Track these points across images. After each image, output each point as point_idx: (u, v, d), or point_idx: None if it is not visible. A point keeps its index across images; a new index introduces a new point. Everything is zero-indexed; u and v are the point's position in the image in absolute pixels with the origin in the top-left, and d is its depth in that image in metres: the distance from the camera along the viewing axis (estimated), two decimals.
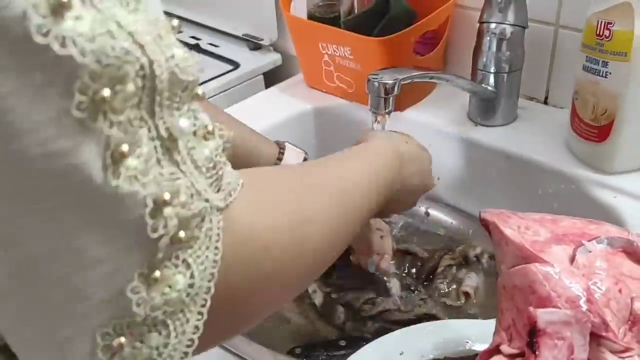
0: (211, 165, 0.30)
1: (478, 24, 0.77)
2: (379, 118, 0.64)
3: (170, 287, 0.28)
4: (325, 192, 0.41)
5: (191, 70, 0.28)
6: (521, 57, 0.78)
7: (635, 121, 0.66)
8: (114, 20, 0.24)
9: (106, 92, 0.24)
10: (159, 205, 0.26)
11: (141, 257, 0.27)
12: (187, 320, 0.29)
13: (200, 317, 0.29)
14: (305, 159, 0.68)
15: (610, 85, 0.65)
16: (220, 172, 0.30)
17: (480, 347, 0.52)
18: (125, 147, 0.25)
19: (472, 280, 0.75)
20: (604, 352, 0.32)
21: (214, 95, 1.05)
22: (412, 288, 0.74)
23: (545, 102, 0.85)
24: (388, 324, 0.68)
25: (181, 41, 0.28)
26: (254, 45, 1.15)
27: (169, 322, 0.28)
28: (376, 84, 0.63)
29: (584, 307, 0.32)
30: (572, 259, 0.36)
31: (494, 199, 0.80)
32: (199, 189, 0.29)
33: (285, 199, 0.37)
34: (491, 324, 0.41)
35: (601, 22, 0.64)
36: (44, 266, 0.25)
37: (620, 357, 0.32)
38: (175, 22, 0.28)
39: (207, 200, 0.29)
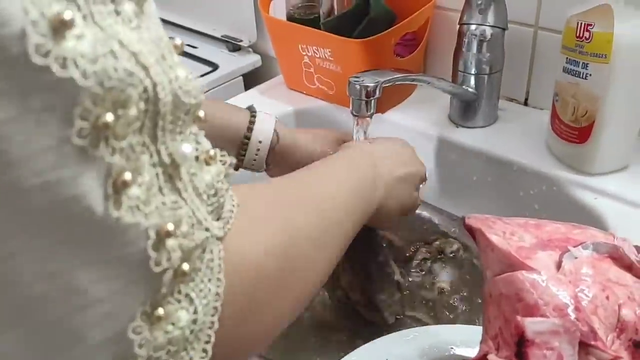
0: (212, 192, 0.28)
1: (458, 26, 0.77)
2: (360, 121, 0.64)
3: (173, 324, 0.26)
4: (309, 209, 0.40)
5: (194, 93, 0.26)
6: (501, 58, 0.78)
7: (616, 122, 0.66)
8: (116, 39, 0.23)
9: (109, 117, 0.23)
10: (162, 236, 0.25)
11: (144, 293, 0.25)
12: (191, 359, 0.27)
13: (204, 354, 0.27)
14: (276, 134, 0.66)
15: (591, 86, 0.65)
16: (221, 200, 0.29)
17: (465, 352, 0.51)
18: (127, 175, 0.23)
19: (446, 276, 0.75)
20: None
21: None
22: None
23: (526, 104, 0.85)
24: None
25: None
26: (233, 46, 1.14)
27: None
28: (357, 86, 0.62)
29: (572, 316, 0.32)
30: (559, 265, 0.35)
31: (474, 201, 0.80)
32: (199, 218, 0.27)
33: (274, 220, 0.35)
34: (475, 329, 0.40)
35: (581, 23, 0.64)
36: (41, 307, 0.23)
37: None
38: (178, 41, 0.27)
39: (207, 230, 0.28)
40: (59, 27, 0.21)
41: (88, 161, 0.23)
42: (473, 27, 0.75)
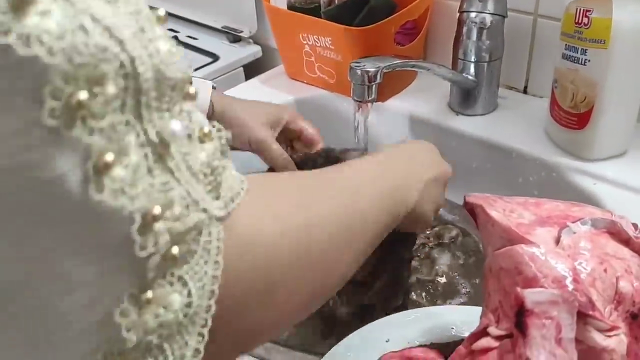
0: (209, 170, 0.27)
1: (458, 14, 0.77)
2: (361, 107, 0.64)
3: (165, 307, 0.25)
4: (331, 198, 0.38)
5: (179, 67, 0.25)
6: (501, 46, 0.78)
7: (614, 108, 0.67)
8: (87, 14, 0.22)
9: (83, 95, 0.21)
10: (148, 220, 0.24)
11: (130, 277, 0.24)
12: (186, 343, 0.26)
13: (200, 338, 0.26)
14: (213, 87, 0.64)
15: (589, 72, 0.66)
16: (219, 178, 0.28)
17: (466, 333, 0.52)
18: (110, 156, 0.22)
19: (445, 260, 0.75)
20: (590, 331, 0.32)
21: None
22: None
23: (525, 91, 0.86)
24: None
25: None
26: (234, 37, 1.14)
27: (165, 346, 0.25)
28: (359, 71, 0.62)
29: (571, 287, 0.32)
30: (557, 240, 0.36)
31: (474, 188, 0.80)
32: (195, 198, 0.26)
33: (291, 203, 0.34)
34: (476, 310, 0.41)
35: (580, 9, 0.65)
36: (24, 291, 0.22)
37: (607, 336, 0.32)
38: (162, 11, 0.26)
39: (205, 210, 0.26)
40: (20, 4, 0.20)
41: (63, 143, 0.21)
42: (473, 14, 0.76)
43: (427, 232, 0.79)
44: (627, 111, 0.68)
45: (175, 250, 0.25)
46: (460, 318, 0.53)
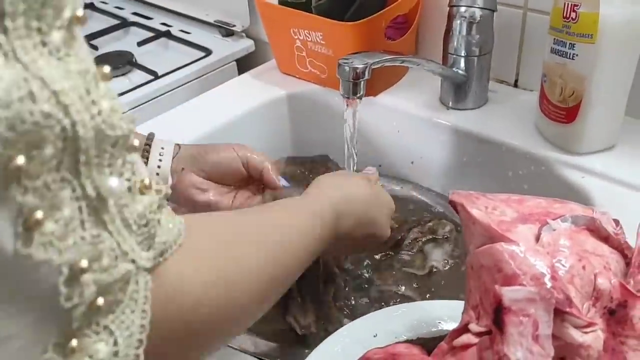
0: (143, 222, 0.28)
1: (448, 8, 0.78)
2: (350, 102, 0.64)
3: (90, 357, 0.26)
4: (259, 245, 0.41)
5: (120, 124, 0.26)
6: (491, 40, 0.78)
7: (602, 102, 0.67)
8: (38, 78, 0.22)
9: (20, 160, 0.22)
10: (76, 272, 0.24)
11: (55, 327, 0.25)
12: None
13: None
14: (178, 146, 0.63)
15: (577, 67, 0.66)
16: (152, 230, 0.29)
17: (452, 327, 0.53)
18: (39, 214, 0.23)
19: (438, 255, 0.76)
20: (567, 328, 0.33)
21: (186, 83, 1.04)
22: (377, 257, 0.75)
23: (516, 85, 0.86)
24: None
25: (153, 29, 0.26)
26: (226, 31, 1.14)
27: None
28: (347, 68, 0.63)
29: (549, 284, 0.33)
30: (538, 238, 0.36)
31: (465, 181, 0.81)
32: (125, 249, 0.27)
33: (218, 254, 0.36)
34: (462, 304, 0.41)
35: (568, 4, 0.65)
36: None
37: (583, 332, 0.33)
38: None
39: (133, 261, 0.27)
40: None
41: None
42: (463, 9, 0.76)
43: (422, 227, 0.79)
44: (615, 105, 0.69)
45: (100, 300, 0.26)
46: (447, 312, 0.54)
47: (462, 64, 0.79)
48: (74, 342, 0.25)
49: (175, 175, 0.62)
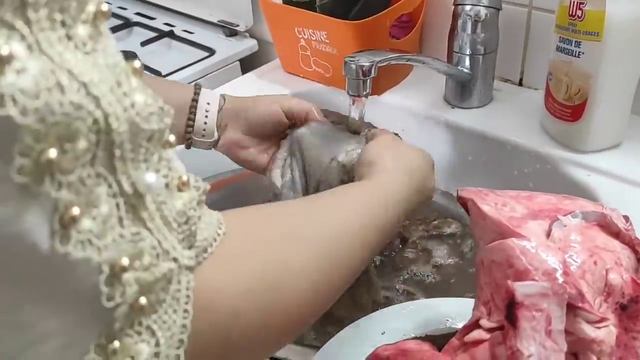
0: (183, 219, 0.27)
1: (453, 6, 0.78)
2: (356, 101, 0.64)
3: (132, 358, 0.25)
4: (310, 244, 0.37)
5: (155, 118, 0.25)
6: (496, 38, 0.78)
7: (608, 100, 0.67)
8: (65, 69, 0.22)
9: (53, 154, 0.21)
10: (116, 271, 0.24)
11: (97, 328, 0.25)
12: None
13: None
14: (223, 98, 0.64)
15: (583, 65, 0.66)
16: (193, 227, 0.28)
17: (461, 324, 0.53)
18: (76, 210, 0.22)
19: (442, 253, 0.76)
20: (580, 323, 0.33)
21: (190, 83, 1.04)
22: (385, 253, 0.75)
23: (520, 84, 0.86)
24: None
25: (157, 30, 0.26)
26: (230, 31, 1.14)
27: None
28: (353, 66, 0.63)
29: (561, 280, 0.33)
30: (548, 234, 0.36)
31: (470, 180, 0.81)
32: (166, 247, 0.26)
33: (260, 258, 0.33)
34: (470, 302, 0.41)
35: (573, 2, 0.65)
36: None
37: (596, 327, 0.33)
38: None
39: (175, 260, 0.27)
40: None
41: (31, 198, 0.21)
42: (468, 7, 0.76)
43: (427, 225, 0.79)
44: (621, 103, 0.68)
45: (143, 300, 0.25)
46: (455, 310, 0.54)
47: (467, 63, 0.79)
48: (116, 344, 0.25)
49: (219, 131, 0.63)
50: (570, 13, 0.66)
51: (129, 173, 0.24)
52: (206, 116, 0.62)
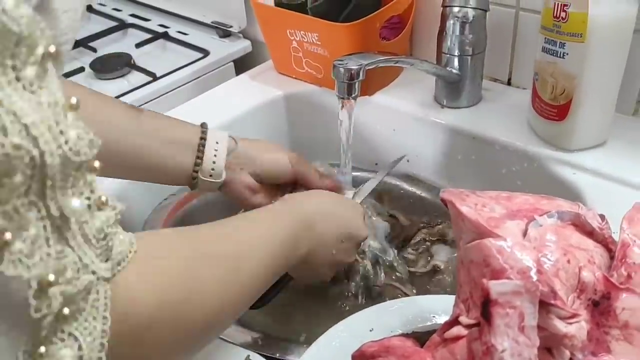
0: (102, 236, 0.30)
1: (441, 8, 0.79)
2: (345, 103, 0.66)
3: None
4: (220, 261, 0.42)
5: (85, 150, 0.28)
6: (484, 39, 0.80)
7: (592, 100, 0.68)
8: (11, 112, 0.24)
9: None
10: (44, 285, 0.27)
11: (26, 336, 0.28)
12: None
13: None
14: (233, 139, 0.65)
15: (568, 65, 0.67)
16: (110, 243, 0.31)
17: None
18: (8, 235, 0.25)
19: (443, 256, 0.77)
20: (552, 319, 0.34)
21: (184, 84, 1.05)
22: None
23: (509, 83, 0.87)
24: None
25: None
26: (223, 32, 1.15)
27: None
28: (342, 69, 0.64)
29: (534, 278, 0.34)
30: (525, 233, 0.38)
31: (460, 178, 0.83)
32: (86, 262, 0.29)
33: (174, 272, 0.37)
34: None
35: (557, 4, 0.66)
36: None
37: (567, 323, 0.34)
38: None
39: (93, 272, 0.30)
40: None
41: None
42: (456, 9, 0.77)
43: (431, 229, 0.80)
44: (605, 103, 0.70)
45: (66, 310, 0.28)
46: (441, 307, 0.55)
47: (456, 63, 0.80)
48: (42, 349, 0.28)
49: (229, 172, 0.63)
50: (555, 15, 0.67)
51: (57, 199, 0.27)
52: (215, 155, 0.61)
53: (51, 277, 0.27)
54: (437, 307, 0.56)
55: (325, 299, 0.70)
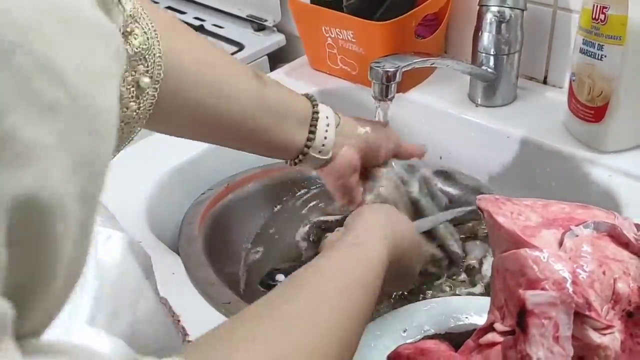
0: None
1: (478, 7, 0.79)
2: (381, 104, 0.67)
3: None
4: (302, 325, 0.37)
5: None
6: (520, 38, 0.79)
7: (629, 103, 0.68)
8: None
9: None
10: None
11: None
12: None
13: None
14: (337, 115, 0.61)
15: (606, 68, 0.67)
16: None
17: (479, 320, 0.55)
18: None
19: (477, 253, 0.77)
20: (587, 330, 0.35)
21: None
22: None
23: (545, 82, 0.87)
24: None
25: None
26: (258, 26, 1.17)
27: None
28: (379, 71, 0.65)
29: (570, 289, 0.35)
30: (561, 243, 0.39)
31: (493, 178, 0.83)
32: None
33: (255, 344, 0.33)
34: (488, 300, 0.44)
35: (597, 6, 0.66)
36: None
37: (602, 333, 0.35)
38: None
39: None
40: None
41: None
42: (493, 8, 0.77)
43: (461, 227, 0.80)
44: None
45: None
46: (474, 307, 0.56)
47: (492, 62, 0.80)
48: None
49: (335, 149, 0.59)
50: (594, 17, 0.67)
51: None
52: (326, 130, 0.58)
53: None
54: (470, 308, 0.57)
55: None
